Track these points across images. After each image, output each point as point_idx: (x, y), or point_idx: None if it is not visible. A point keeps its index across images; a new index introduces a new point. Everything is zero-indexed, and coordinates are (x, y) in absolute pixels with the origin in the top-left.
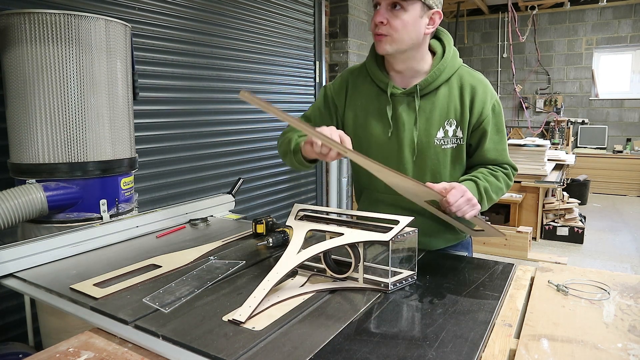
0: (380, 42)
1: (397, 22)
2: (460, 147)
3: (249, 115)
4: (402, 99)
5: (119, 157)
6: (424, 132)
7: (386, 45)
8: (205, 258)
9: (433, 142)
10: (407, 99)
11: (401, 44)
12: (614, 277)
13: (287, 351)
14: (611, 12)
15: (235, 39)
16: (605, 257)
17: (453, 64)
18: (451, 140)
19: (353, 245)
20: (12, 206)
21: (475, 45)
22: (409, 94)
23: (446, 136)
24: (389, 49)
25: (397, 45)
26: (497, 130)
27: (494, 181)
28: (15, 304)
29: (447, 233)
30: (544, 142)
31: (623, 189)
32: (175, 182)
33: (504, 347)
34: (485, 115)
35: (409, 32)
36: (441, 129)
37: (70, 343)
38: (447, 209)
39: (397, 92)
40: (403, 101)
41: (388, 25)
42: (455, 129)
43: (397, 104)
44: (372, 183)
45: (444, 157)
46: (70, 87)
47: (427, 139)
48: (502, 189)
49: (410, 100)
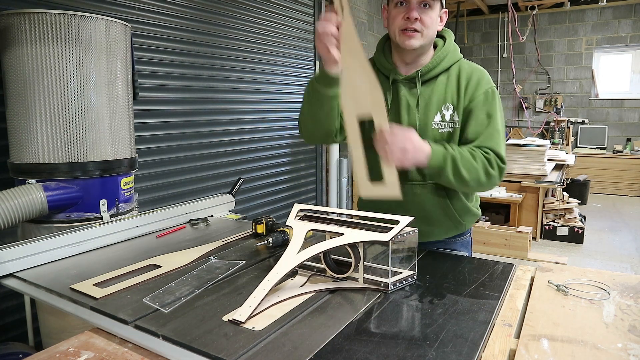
0: (411, 38)
1: (428, 19)
2: (456, 130)
3: (249, 115)
4: (404, 84)
5: (119, 157)
6: (423, 117)
7: (417, 40)
8: (205, 258)
9: (431, 126)
10: (409, 85)
11: (427, 39)
12: (614, 277)
13: (287, 351)
14: (611, 12)
15: (235, 39)
16: (605, 257)
17: (454, 55)
18: (448, 124)
19: (353, 245)
20: (12, 206)
21: (475, 45)
22: (411, 80)
23: (443, 120)
24: (418, 44)
25: (425, 40)
26: (487, 114)
27: (467, 156)
28: (15, 304)
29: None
30: (544, 142)
31: (623, 189)
32: (175, 182)
33: (504, 347)
34: (476, 97)
35: (434, 28)
36: (438, 113)
37: (70, 343)
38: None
39: (399, 77)
40: (405, 86)
41: (420, 22)
42: (452, 114)
43: (400, 90)
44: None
45: (441, 140)
46: (70, 87)
47: (425, 122)
48: (476, 168)
49: (412, 86)
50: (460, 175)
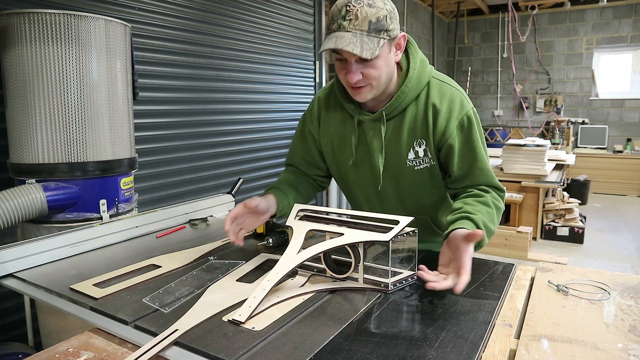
0: (359, 94)
1: (373, 73)
2: (433, 166)
3: (249, 115)
4: (370, 125)
5: (119, 157)
6: (395, 155)
7: (367, 94)
8: (205, 258)
9: (405, 164)
10: (375, 125)
11: (381, 86)
12: (614, 277)
13: (287, 351)
14: (611, 12)
15: (235, 39)
16: (605, 257)
17: (419, 82)
18: (423, 160)
19: (353, 245)
20: (12, 206)
21: (475, 45)
22: (377, 120)
23: (417, 157)
24: (370, 96)
25: (377, 89)
26: (468, 148)
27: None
28: (15, 304)
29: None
30: (544, 142)
31: (623, 189)
32: (175, 182)
33: (504, 347)
34: (450, 132)
35: (385, 73)
36: (411, 150)
37: (70, 343)
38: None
39: (364, 118)
40: (371, 128)
41: (364, 79)
42: (426, 149)
43: (367, 130)
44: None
45: (420, 177)
46: (70, 87)
47: (398, 161)
48: (493, 214)
49: (378, 127)
50: (492, 231)
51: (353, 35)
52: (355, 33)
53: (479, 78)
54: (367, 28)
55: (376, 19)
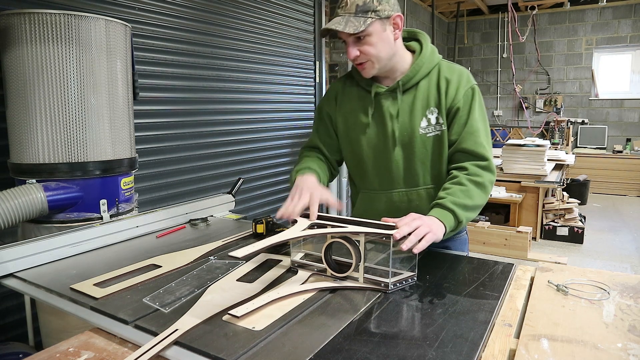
0: (364, 70)
1: (368, 49)
2: (444, 133)
3: (249, 115)
4: (386, 96)
5: (119, 157)
6: (409, 124)
7: (370, 70)
8: (205, 258)
9: (418, 132)
10: (391, 95)
11: (382, 61)
12: (614, 277)
13: (287, 351)
14: (611, 12)
15: (235, 39)
16: (605, 257)
17: (431, 59)
18: (435, 128)
19: (354, 244)
20: (12, 206)
21: (475, 45)
22: (393, 91)
23: (429, 124)
24: (374, 72)
25: (379, 64)
26: (467, 114)
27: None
28: (16, 304)
29: None
30: (543, 142)
31: (623, 189)
32: (175, 182)
33: (504, 347)
34: (457, 99)
35: (382, 49)
36: (424, 118)
37: (71, 343)
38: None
39: (381, 90)
40: (388, 98)
41: (363, 55)
42: (438, 116)
43: (383, 102)
44: (366, 182)
45: (429, 145)
46: (70, 87)
47: (411, 129)
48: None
49: (395, 96)
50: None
51: (342, 17)
52: (344, 16)
53: (479, 78)
54: (355, 11)
55: (363, 2)
